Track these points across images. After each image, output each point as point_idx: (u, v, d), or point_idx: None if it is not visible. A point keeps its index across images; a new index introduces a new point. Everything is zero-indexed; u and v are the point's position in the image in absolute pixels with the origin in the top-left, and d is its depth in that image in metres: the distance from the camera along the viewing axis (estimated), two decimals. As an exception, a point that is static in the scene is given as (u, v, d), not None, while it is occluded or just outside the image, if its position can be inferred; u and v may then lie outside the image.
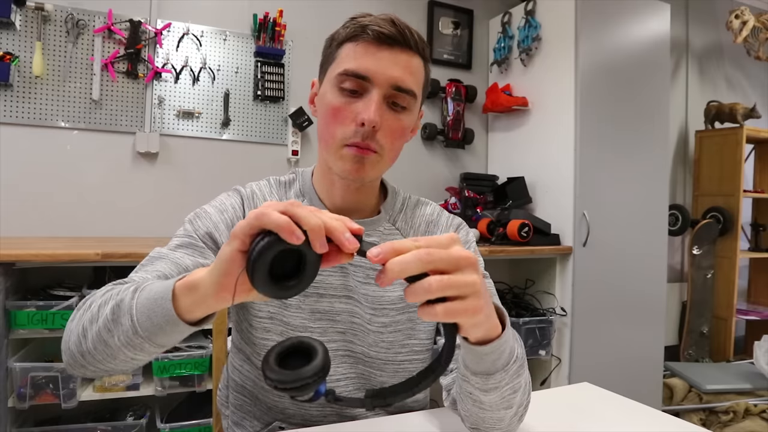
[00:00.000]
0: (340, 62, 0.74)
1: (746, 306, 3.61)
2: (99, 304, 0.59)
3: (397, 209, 0.87)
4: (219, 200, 0.82)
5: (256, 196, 0.83)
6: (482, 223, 2.42)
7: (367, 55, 0.72)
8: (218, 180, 2.26)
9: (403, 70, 0.73)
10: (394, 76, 0.72)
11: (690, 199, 3.57)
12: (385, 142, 0.74)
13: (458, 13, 2.81)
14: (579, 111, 2.34)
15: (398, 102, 0.74)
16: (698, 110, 3.53)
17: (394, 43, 0.72)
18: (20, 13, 1.94)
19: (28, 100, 1.97)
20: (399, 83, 0.72)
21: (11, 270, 1.57)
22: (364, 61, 0.72)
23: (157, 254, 0.73)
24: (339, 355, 0.80)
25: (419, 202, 0.91)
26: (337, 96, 0.74)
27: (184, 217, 0.83)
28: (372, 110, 0.71)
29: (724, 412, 2.37)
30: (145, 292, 0.55)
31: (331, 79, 0.75)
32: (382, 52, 0.72)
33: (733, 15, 3.31)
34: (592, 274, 2.36)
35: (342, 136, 0.73)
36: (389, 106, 0.74)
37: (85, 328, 0.58)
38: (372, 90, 0.72)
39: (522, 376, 0.66)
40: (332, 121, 0.74)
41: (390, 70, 0.72)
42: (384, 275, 0.45)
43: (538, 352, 2.27)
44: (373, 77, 0.72)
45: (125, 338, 0.55)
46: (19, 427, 1.69)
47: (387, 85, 0.72)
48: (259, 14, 2.31)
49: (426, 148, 2.76)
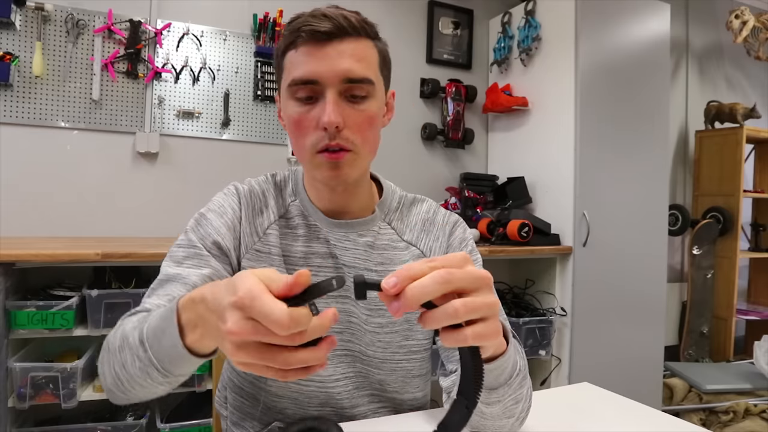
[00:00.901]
0: (287, 73, 0.72)
1: (746, 306, 3.61)
2: (118, 346, 0.61)
3: (392, 208, 0.86)
4: (217, 202, 0.81)
5: (254, 193, 0.82)
6: (482, 223, 2.42)
7: (309, 58, 0.69)
8: (218, 180, 2.25)
9: (350, 61, 0.69)
10: (341, 69, 0.69)
11: (690, 199, 3.57)
12: (356, 137, 0.72)
13: (458, 13, 2.81)
14: (579, 111, 2.34)
15: (356, 93, 0.71)
16: (698, 110, 3.53)
17: (332, 37, 0.69)
18: (20, 13, 1.94)
19: (28, 100, 1.97)
20: (349, 75, 0.69)
21: (11, 270, 1.57)
22: (307, 66, 0.69)
23: (166, 276, 0.73)
24: (337, 354, 0.80)
25: (415, 199, 0.90)
26: (294, 107, 0.72)
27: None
28: (329, 112, 0.68)
29: (724, 412, 2.37)
30: (156, 344, 0.56)
31: (285, 92, 0.73)
32: (323, 50, 0.69)
33: (733, 15, 3.31)
34: (592, 274, 2.36)
35: (311, 144, 0.72)
36: (348, 100, 0.71)
37: (116, 373, 0.61)
38: (325, 91, 0.70)
39: (524, 387, 0.66)
40: (298, 132, 0.73)
41: (335, 66, 0.69)
42: (401, 303, 0.42)
43: (538, 352, 2.27)
44: (321, 78, 0.69)
45: (153, 379, 0.57)
46: (19, 427, 1.68)
47: (337, 82, 0.69)
48: (259, 14, 2.31)
49: (426, 148, 2.76)
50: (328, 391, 0.79)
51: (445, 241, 0.85)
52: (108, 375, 0.62)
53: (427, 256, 0.84)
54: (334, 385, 0.80)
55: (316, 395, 0.80)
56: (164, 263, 0.75)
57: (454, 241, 0.86)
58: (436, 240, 0.85)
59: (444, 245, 0.85)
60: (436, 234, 0.86)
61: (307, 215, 0.82)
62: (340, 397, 0.80)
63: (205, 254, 0.75)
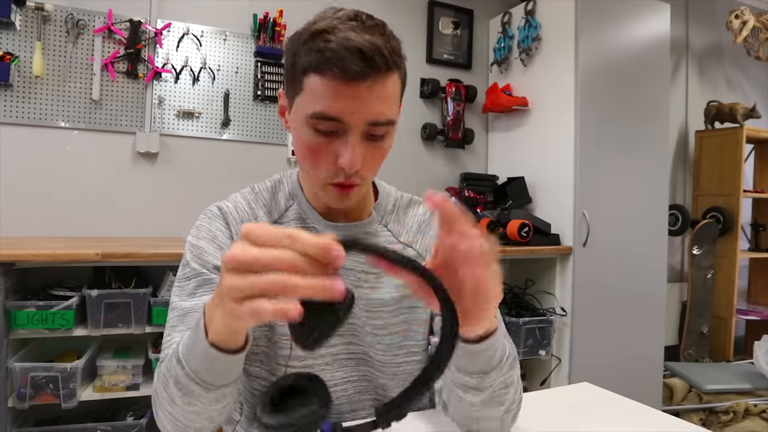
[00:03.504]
0: (308, 98, 0.67)
1: (746, 306, 3.61)
2: (162, 385, 0.62)
3: (388, 210, 0.86)
4: (204, 229, 0.80)
5: (240, 208, 0.81)
6: (482, 223, 2.42)
7: (336, 94, 0.64)
8: (218, 180, 2.26)
9: (378, 104, 0.66)
10: (370, 113, 0.66)
11: (690, 199, 3.57)
12: (368, 172, 0.72)
13: (458, 13, 2.81)
14: (579, 111, 2.34)
15: (377, 133, 0.69)
16: (698, 110, 3.53)
17: (365, 77, 0.63)
18: (20, 13, 1.94)
19: (28, 100, 1.97)
20: (376, 119, 0.66)
21: (11, 270, 1.57)
22: (334, 103, 0.64)
23: (183, 310, 0.72)
24: (340, 358, 0.79)
25: (411, 201, 0.89)
26: (312, 135, 0.68)
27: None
28: (351, 156, 0.66)
29: (724, 412, 2.37)
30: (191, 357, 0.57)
31: (302, 115, 0.68)
32: (353, 89, 0.64)
33: (733, 15, 3.31)
34: (592, 274, 2.36)
35: (325, 175, 0.70)
36: (368, 139, 0.69)
37: (170, 414, 0.61)
38: (348, 131, 0.66)
39: (514, 371, 0.67)
40: (312, 159, 0.70)
41: (365, 109, 0.65)
42: None
43: (538, 352, 2.27)
44: (348, 120, 0.65)
45: (200, 399, 0.58)
46: (19, 427, 1.69)
47: (363, 124, 0.66)
48: (259, 14, 2.31)
49: (426, 148, 2.76)
50: None
51: None
52: (165, 420, 0.62)
53: (423, 257, 0.84)
54: (333, 390, 0.78)
55: None
56: (175, 299, 0.74)
57: None
58: (432, 240, 0.85)
59: None
60: (432, 234, 0.86)
61: (305, 218, 0.81)
62: (339, 401, 0.79)
63: (214, 277, 0.74)
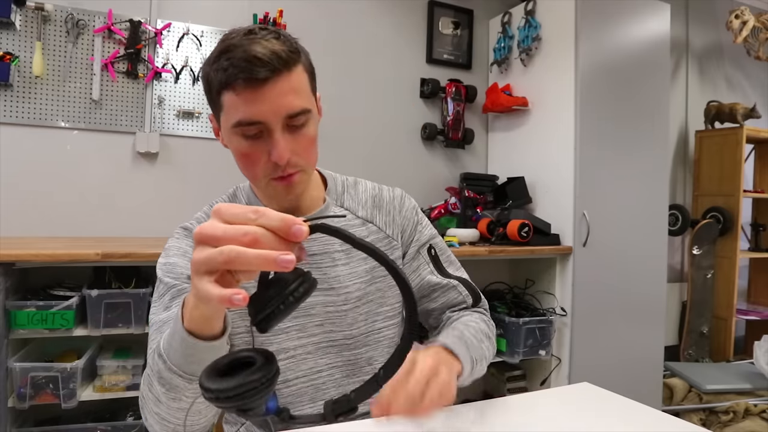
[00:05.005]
0: (228, 113, 0.73)
1: (746, 306, 3.61)
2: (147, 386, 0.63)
3: (339, 192, 0.92)
4: (174, 247, 0.83)
5: None
6: (482, 223, 2.42)
7: (249, 101, 0.71)
8: (218, 180, 2.26)
9: (288, 98, 0.72)
10: (283, 109, 0.72)
11: (690, 199, 3.56)
12: (301, 159, 0.76)
13: (458, 13, 2.81)
14: (579, 111, 2.34)
15: (297, 123, 0.75)
16: (698, 110, 3.53)
17: (268, 79, 0.70)
18: (20, 13, 1.94)
19: (28, 100, 1.97)
20: (290, 112, 0.73)
21: (11, 270, 1.57)
22: (249, 109, 0.71)
23: (161, 321, 0.73)
24: (322, 347, 0.82)
25: (356, 180, 0.97)
26: (242, 143, 0.75)
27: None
28: (279, 150, 0.72)
29: (724, 412, 2.37)
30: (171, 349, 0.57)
31: (228, 129, 0.75)
32: (262, 93, 0.70)
33: (733, 15, 3.31)
34: (592, 274, 2.36)
35: (263, 174, 0.76)
36: (290, 130, 0.74)
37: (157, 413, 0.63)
38: (271, 129, 0.72)
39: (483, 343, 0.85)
40: (247, 163, 0.76)
41: (277, 107, 0.71)
42: None
43: (538, 352, 2.27)
44: (266, 119, 0.71)
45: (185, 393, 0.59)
46: (19, 427, 1.68)
47: (280, 118, 0.72)
48: (259, 14, 2.31)
49: (426, 148, 2.76)
50: (313, 384, 0.82)
51: (398, 214, 0.94)
52: (154, 422, 0.64)
53: (384, 232, 0.92)
54: (317, 377, 0.82)
55: (304, 391, 0.82)
56: (153, 317, 0.76)
57: (407, 213, 0.95)
58: (388, 214, 0.93)
59: (398, 219, 0.94)
60: (387, 209, 0.93)
61: None
62: (326, 387, 0.82)
63: (187, 287, 0.76)
